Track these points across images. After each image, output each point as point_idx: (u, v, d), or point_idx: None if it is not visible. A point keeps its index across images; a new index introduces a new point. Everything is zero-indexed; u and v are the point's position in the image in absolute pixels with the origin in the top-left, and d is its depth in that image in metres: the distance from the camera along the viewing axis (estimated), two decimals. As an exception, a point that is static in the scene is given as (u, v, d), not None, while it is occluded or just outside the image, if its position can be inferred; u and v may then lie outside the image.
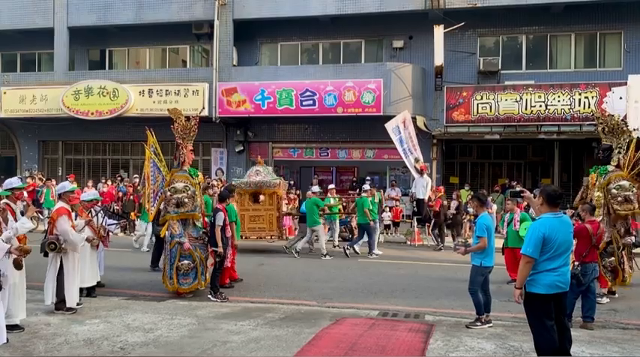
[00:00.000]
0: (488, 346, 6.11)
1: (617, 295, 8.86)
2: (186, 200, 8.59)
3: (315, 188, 14.30)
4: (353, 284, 9.97)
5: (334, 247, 14.27)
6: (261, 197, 13.49)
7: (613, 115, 9.38)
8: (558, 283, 4.96)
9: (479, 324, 6.93)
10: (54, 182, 17.53)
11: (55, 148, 22.61)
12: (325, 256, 12.87)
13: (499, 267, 7.56)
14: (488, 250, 6.98)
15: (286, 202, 15.42)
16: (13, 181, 6.96)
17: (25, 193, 15.02)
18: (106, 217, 8.93)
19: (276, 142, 20.36)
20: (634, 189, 8.73)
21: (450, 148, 19.89)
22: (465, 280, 7.56)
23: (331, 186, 15.25)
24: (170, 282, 8.71)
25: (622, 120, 9.21)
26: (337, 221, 14.81)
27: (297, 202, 16.19)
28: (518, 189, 16.49)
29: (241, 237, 13.59)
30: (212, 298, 8.43)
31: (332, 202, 14.56)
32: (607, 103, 16.25)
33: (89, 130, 20.74)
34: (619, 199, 8.68)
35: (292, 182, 19.67)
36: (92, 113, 19.47)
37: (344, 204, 16.29)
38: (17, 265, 6.05)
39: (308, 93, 18.00)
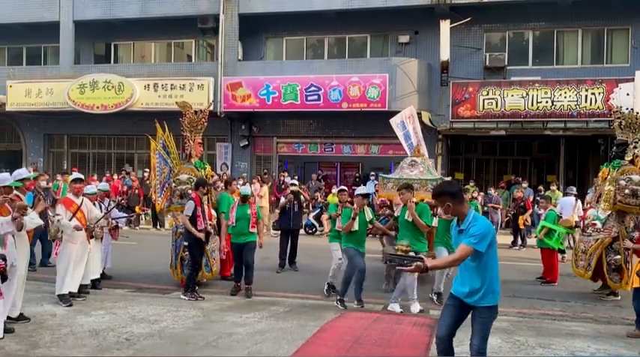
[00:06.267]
0: (493, 340, 6.07)
1: (619, 297, 8.74)
2: (190, 192, 8.60)
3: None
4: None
5: None
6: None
7: (632, 110, 9.24)
8: None
9: None
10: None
11: (60, 141, 22.65)
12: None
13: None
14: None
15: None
16: (23, 172, 6.96)
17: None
18: (114, 209, 9.01)
19: (281, 137, 20.34)
20: None
21: (455, 143, 19.83)
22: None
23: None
24: (175, 272, 8.76)
25: None
26: None
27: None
28: (524, 185, 16.41)
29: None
30: (183, 297, 7.90)
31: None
32: (614, 100, 16.13)
33: (94, 124, 20.75)
34: (626, 191, 8.52)
35: (297, 177, 19.64)
36: (97, 107, 19.50)
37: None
38: (19, 226, 6.00)
39: (313, 88, 17.97)
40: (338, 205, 8.50)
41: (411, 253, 6.72)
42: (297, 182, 12.49)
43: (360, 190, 8.25)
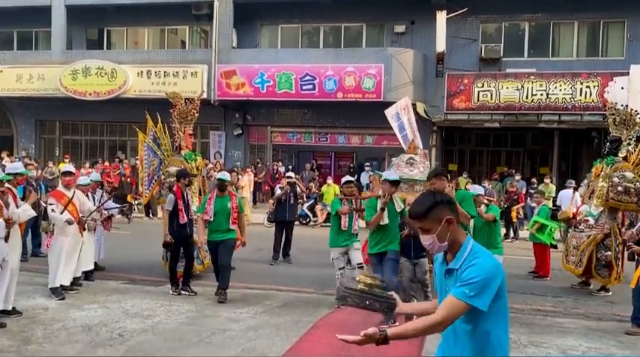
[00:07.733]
0: (486, 337, 6.11)
1: (610, 292, 8.74)
2: (176, 185, 8.49)
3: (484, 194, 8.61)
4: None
5: None
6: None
7: (626, 106, 9.23)
8: None
9: None
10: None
11: (52, 128, 22.44)
12: None
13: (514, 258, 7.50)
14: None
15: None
16: (18, 166, 6.91)
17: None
18: (108, 201, 8.93)
19: (275, 126, 20.25)
20: (638, 183, 8.57)
21: (449, 135, 19.82)
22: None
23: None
24: (167, 264, 8.69)
25: (635, 111, 9.04)
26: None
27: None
28: (517, 177, 16.44)
29: None
30: (170, 292, 7.76)
31: None
32: (609, 93, 16.15)
33: (87, 111, 20.53)
34: (619, 188, 8.51)
35: (291, 166, 19.60)
36: (90, 94, 19.29)
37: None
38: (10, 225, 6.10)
39: (308, 77, 17.85)
40: (342, 200, 7.31)
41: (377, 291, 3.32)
42: (293, 174, 12.49)
43: (389, 174, 6.80)
